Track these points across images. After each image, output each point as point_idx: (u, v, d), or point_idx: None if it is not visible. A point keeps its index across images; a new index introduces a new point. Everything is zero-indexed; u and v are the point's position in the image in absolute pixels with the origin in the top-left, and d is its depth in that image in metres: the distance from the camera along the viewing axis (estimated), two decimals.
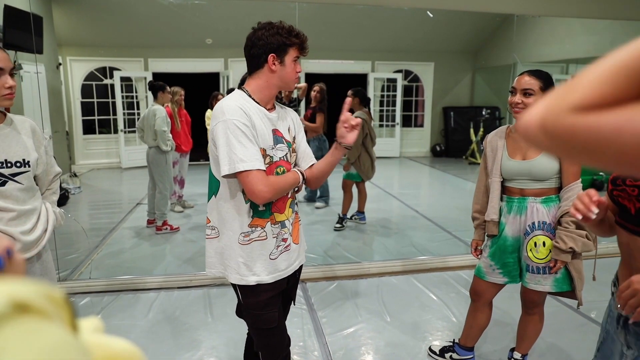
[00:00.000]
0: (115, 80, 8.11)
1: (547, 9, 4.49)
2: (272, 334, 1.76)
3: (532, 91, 2.01)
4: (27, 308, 0.28)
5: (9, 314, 0.27)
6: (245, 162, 1.53)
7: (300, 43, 1.63)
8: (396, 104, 9.72)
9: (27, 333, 0.27)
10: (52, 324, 0.29)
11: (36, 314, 0.28)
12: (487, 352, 2.60)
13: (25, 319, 0.28)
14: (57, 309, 0.30)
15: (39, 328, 0.28)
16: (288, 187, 1.66)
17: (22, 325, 0.27)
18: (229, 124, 1.54)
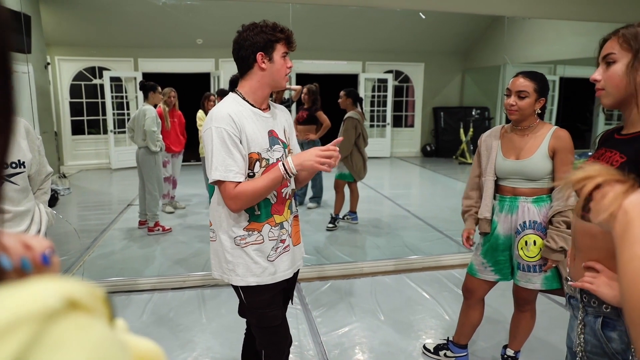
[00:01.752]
0: (104, 80, 8.04)
1: (537, 11, 4.55)
2: (276, 332, 1.77)
3: (527, 93, 2.04)
4: (77, 304, 0.29)
5: (63, 310, 0.28)
6: (218, 171, 1.57)
7: (286, 37, 1.64)
8: (387, 104, 9.77)
9: (80, 328, 0.29)
10: (98, 320, 0.31)
11: (84, 310, 0.30)
12: (480, 349, 2.64)
13: (76, 314, 0.29)
14: (99, 306, 0.32)
15: (89, 323, 0.29)
16: (266, 189, 1.60)
17: (74, 320, 0.29)
18: (214, 131, 1.58)
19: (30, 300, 0.27)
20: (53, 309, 0.28)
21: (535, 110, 2.07)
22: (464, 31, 9.34)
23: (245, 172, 1.62)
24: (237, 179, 1.58)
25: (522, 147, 2.08)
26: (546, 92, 2.07)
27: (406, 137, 10.41)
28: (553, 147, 2.02)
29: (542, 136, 2.06)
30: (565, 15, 4.72)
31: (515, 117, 2.10)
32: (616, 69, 1.19)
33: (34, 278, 0.30)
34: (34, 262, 0.45)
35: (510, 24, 7.07)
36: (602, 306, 1.18)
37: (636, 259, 0.58)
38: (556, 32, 7.25)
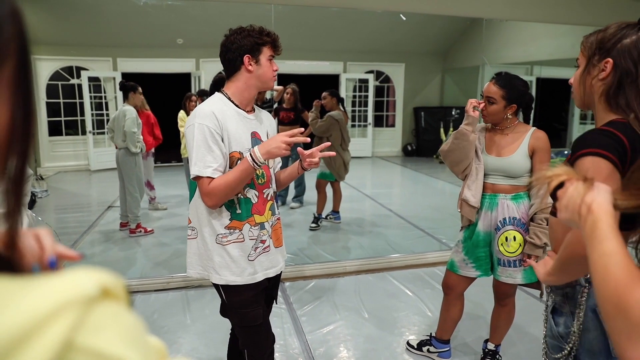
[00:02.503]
0: (82, 80, 7.90)
1: (514, 13, 4.67)
2: (257, 331, 1.79)
3: (494, 100, 2.14)
4: (109, 292, 0.33)
5: (99, 297, 0.32)
6: (197, 166, 1.60)
7: (272, 41, 1.69)
8: (368, 104, 9.85)
9: (114, 314, 0.32)
10: (125, 307, 0.34)
11: (114, 298, 0.33)
12: (462, 344, 2.70)
13: (110, 301, 0.33)
14: (124, 295, 0.35)
15: (120, 309, 0.33)
16: (237, 181, 1.61)
17: (109, 306, 0.32)
18: (196, 127, 1.60)
19: (71, 287, 0.30)
20: (92, 295, 0.31)
21: (506, 115, 2.15)
22: (443, 32, 9.48)
23: (224, 170, 1.63)
24: (215, 175, 1.60)
25: (504, 146, 2.16)
26: (517, 98, 2.14)
27: (387, 137, 10.50)
28: (532, 146, 2.10)
29: (522, 136, 2.14)
30: (540, 18, 4.85)
31: (486, 121, 2.21)
32: (577, 74, 1.27)
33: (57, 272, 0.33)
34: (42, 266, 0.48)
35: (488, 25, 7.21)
36: (552, 294, 1.28)
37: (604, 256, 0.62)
38: (532, 34, 7.43)
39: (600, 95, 1.19)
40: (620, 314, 0.58)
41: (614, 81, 1.15)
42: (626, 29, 1.18)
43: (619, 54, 1.14)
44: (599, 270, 0.63)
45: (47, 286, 0.30)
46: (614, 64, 1.15)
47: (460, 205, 2.27)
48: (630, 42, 1.15)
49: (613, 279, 0.59)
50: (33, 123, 0.36)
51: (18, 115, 0.35)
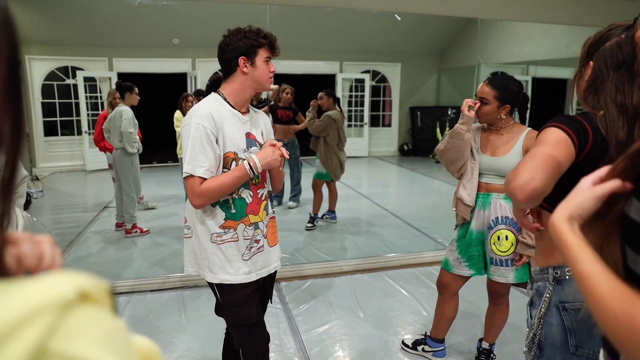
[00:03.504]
0: (78, 80, 7.87)
1: (509, 13, 4.68)
2: (252, 330, 1.80)
3: (487, 100, 2.16)
4: (88, 296, 0.32)
5: (77, 301, 0.31)
6: (190, 165, 1.61)
7: (269, 43, 1.70)
8: (364, 104, 9.86)
9: (92, 318, 0.32)
10: (106, 311, 0.33)
11: (94, 302, 0.33)
12: (457, 343, 2.71)
13: (88, 305, 0.32)
14: (106, 298, 0.34)
15: (99, 314, 0.32)
16: (230, 186, 1.64)
17: (87, 310, 0.31)
18: (192, 127, 1.61)
19: (47, 291, 0.30)
20: (68, 299, 0.30)
21: (500, 115, 2.16)
22: (439, 32, 9.50)
23: (216, 171, 1.64)
24: (206, 175, 1.61)
25: (498, 146, 2.18)
26: (511, 99, 2.15)
27: (384, 136, 10.52)
28: (527, 147, 2.12)
29: (516, 136, 2.16)
30: (535, 18, 4.87)
31: (480, 121, 2.22)
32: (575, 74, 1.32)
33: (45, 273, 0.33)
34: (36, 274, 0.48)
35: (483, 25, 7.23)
36: (530, 288, 1.36)
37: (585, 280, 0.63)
38: (527, 34, 7.46)
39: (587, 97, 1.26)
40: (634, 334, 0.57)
41: (590, 83, 1.21)
42: (613, 30, 1.21)
43: (597, 57, 1.20)
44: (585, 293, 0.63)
45: (21, 291, 0.30)
46: (592, 67, 1.21)
47: (456, 203, 2.29)
48: (609, 45, 1.19)
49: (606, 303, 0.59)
50: (23, 131, 0.36)
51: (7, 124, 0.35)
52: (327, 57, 9.56)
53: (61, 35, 7.84)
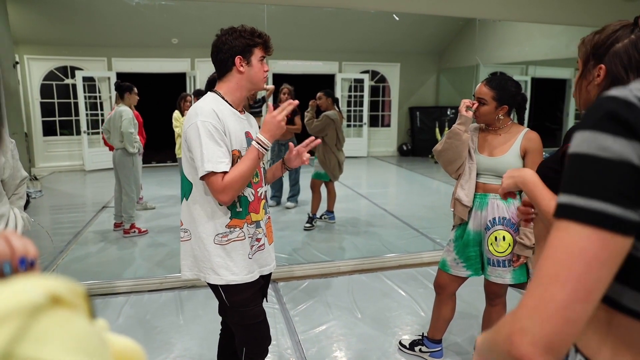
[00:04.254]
0: (77, 80, 7.87)
1: (508, 13, 4.68)
2: (259, 328, 1.80)
3: (485, 100, 2.16)
4: (60, 300, 0.32)
5: (47, 306, 0.30)
6: (211, 162, 1.58)
7: (263, 42, 1.70)
8: (363, 104, 9.85)
9: (63, 322, 0.31)
10: (79, 314, 0.33)
11: (67, 306, 0.32)
12: (454, 343, 2.71)
13: (59, 310, 0.31)
14: (80, 302, 0.34)
15: (71, 318, 0.32)
16: (250, 171, 1.64)
17: (57, 315, 0.31)
18: (200, 125, 1.59)
19: (15, 296, 0.29)
20: (37, 304, 0.30)
21: (497, 116, 2.16)
22: (438, 32, 9.50)
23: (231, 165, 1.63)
24: (228, 169, 1.60)
25: (496, 146, 2.18)
26: (509, 99, 2.15)
27: (383, 136, 10.52)
28: (525, 147, 2.11)
29: (514, 136, 2.15)
30: (534, 18, 4.86)
31: (478, 122, 2.21)
32: (576, 77, 1.27)
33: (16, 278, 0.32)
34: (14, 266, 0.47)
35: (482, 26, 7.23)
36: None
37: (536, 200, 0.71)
38: (526, 34, 7.46)
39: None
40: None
41: (607, 87, 1.16)
42: (620, 31, 1.18)
43: (610, 60, 1.15)
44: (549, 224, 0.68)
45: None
46: (607, 70, 1.16)
47: (454, 204, 2.28)
48: (622, 46, 1.15)
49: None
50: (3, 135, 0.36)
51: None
52: (326, 57, 9.56)
53: (60, 35, 7.84)
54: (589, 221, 0.52)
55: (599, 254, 0.51)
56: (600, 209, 0.51)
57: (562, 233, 0.53)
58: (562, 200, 0.54)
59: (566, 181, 0.55)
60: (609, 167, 0.52)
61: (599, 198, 0.52)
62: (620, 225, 0.51)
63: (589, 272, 0.51)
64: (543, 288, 0.52)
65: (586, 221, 0.52)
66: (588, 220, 0.52)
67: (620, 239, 0.52)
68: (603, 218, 0.51)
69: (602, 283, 0.52)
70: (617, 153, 0.53)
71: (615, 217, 0.51)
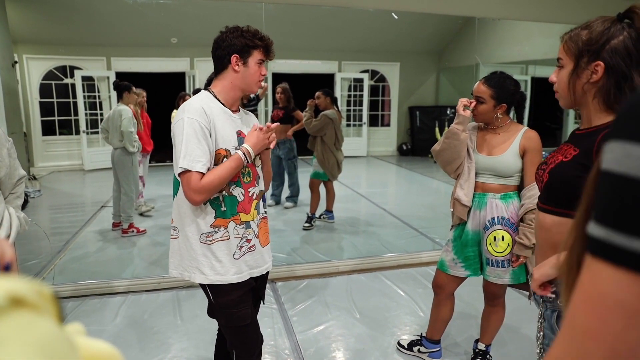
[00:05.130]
0: (76, 79, 7.85)
1: (507, 12, 4.67)
2: (246, 331, 1.78)
3: (483, 99, 2.14)
4: (22, 302, 0.30)
5: (6, 308, 0.29)
6: (186, 160, 1.57)
7: (264, 46, 1.69)
8: (363, 103, 9.84)
9: (24, 325, 0.29)
10: (44, 317, 0.31)
11: (30, 308, 0.30)
12: (453, 344, 2.69)
13: (21, 312, 0.30)
14: (46, 304, 0.32)
15: (34, 321, 0.30)
16: (228, 176, 1.64)
17: (18, 318, 0.29)
18: (186, 122, 1.59)
19: None
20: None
21: (496, 114, 2.14)
22: (438, 31, 9.48)
23: (211, 166, 1.63)
24: (203, 170, 1.59)
25: (495, 145, 2.16)
26: (507, 98, 2.13)
27: (382, 136, 10.50)
28: (524, 146, 2.09)
29: (513, 135, 2.13)
30: (533, 17, 4.85)
31: (476, 120, 2.20)
32: (563, 74, 1.25)
33: None
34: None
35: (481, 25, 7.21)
36: (557, 300, 1.23)
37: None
38: (526, 33, 7.44)
39: (594, 98, 1.18)
40: None
41: (611, 85, 1.14)
42: (612, 27, 1.17)
43: (610, 56, 1.14)
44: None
45: None
46: (606, 67, 1.14)
47: (453, 204, 2.27)
48: (619, 42, 1.14)
49: None
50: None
51: None
52: (326, 57, 9.55)
53: (59, 34, 7.83)
54: (629, 265, 0.39)
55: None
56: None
57: (596, 277, 0.41)
58: (595, 233, 0.41)
59: (601, 207, 0.42)
60: None
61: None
62: None
63: (631, 329, 0.40)
64: (577, 343, 0.43)
65: (625, 265, 0.39)
66: (628, 264, 0.39)
67: None
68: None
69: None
70: None
71: None
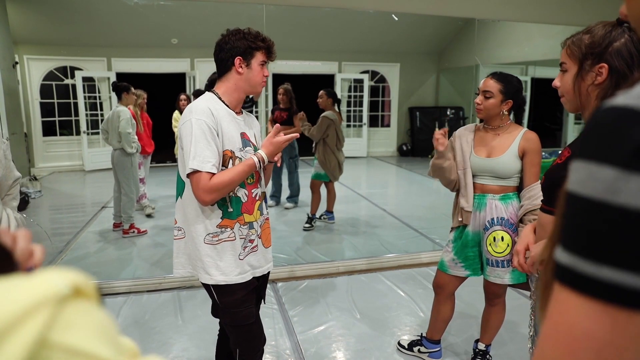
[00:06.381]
0: (76, 80, 7.86)
1: (507, 13, 4.68)
2: (250, 330, 1.80)
3: (491, 93, 2.13)
4: (81, 292, 0.34)
5: (71, 295, 0.33)
6: (196, 160, 1.58)
7: (266, 47, 1.71)
8: (363, 104, 9.85)
9: (85, 311, 0.34)
10: (95, 304, 0.36)
11: (86, 296, 0.35)
12: (453, 344, 2.70)
13: (81, 300, 0.34)
14: (95, 294, 0.36)
15: (91, 307, 0.35)
16: (239, 180, 1.66)
17: (80, 304, 0.34)
18: (194, 123, 1.60)
19: (44, 286, 0.32)
20: (64, 294, 0.32)
21: (502, 111, 2.14)
22: (438, 32, 9.50)
23: (219, 167, 1.64)
24: (213, 171, 1.60)
25: (494, 146, 2.16)
26: (514, 94, 2.14)
27: (382, 136, 10.52)
28: (523, 148, 2.10)
29: (512, 136, 2.14)
30: (533, 18, 4.86)
31: (481, 116, 2.19)
32: (567, 78, 1.27)
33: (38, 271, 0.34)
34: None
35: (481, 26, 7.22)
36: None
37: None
38: (525, 34, 7.45)
39: (596, 99, 1.20)
40: None
41: (611, 85, 1.16)
42: (613, 31, 1.19)
43: (612, 57, 1.16)
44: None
45: (20, 286, 0.31)
46: (610, 69, 1.16)
47: (460, 214, 2.27)
48: (621, 45, 1.16)
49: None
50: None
51: None
52: (326, 58, 9.56)
53: (60, 35, 7.84)
54: (598, 295, 0.36)
55: (613, 340, 0.36)
56: (613, 280, 0.35)
57: (563, 306, 0.39)
58: (562, 259, 0.39)
59: (567, 232, 0.39)
60: (636, 223, 0.35)
61: (612, 264, 0.36)
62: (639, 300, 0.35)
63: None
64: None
65: (593, 295, 0.36)
66: (596, 293, 0.36)
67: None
68: (616, 292, 0.35)
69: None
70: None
71: (634, 290, 0.35)
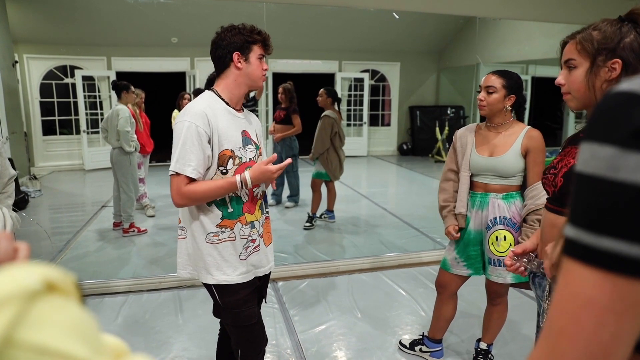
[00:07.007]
0: (76, 79, 7.85)
1: (508, 12, 4.66)
2: (252, 330, 1.78)
3: (494, 88, 2.11)
4: (55, 287, 0.33)
5: (42, 291, 0.31)
6: (178, 163, 1.59)
7: (262, 40, 1.69)
8: (363, 103, 9.83)
9: (58, 308, 0.32)
10: (72, 301, 0.34)
11: (61, 293, 0.33)
12: (455, 343, 2.69)
13: (54, 296, 0.32)
14: (73, 290, 0.35)
15: (65, 304, 0.33)
16: (215, 194, 1.64)
17: (52, 301, 0.32)
18: (185, 125, 1.60)
19: (13, 282, 0.30)
20: (34, 290, 0.31)
21: (505, 106, 2.12)
22: (439, 31, 9.48)
23: (203, 172, 1.63)
24: (193, 175, 1.60)
25: (496, 145, 2.14)
26: (516, 90, 2.13)
27: (383, 135, 10.50)
28: (526, 146, 2.08)
29: (515, 135, 2.12)
30: (534, 17, 4.85)
31: (484, 112, 2.16)
32: (577, 74, 1.25)
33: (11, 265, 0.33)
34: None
35: (482, 24, 7.22)
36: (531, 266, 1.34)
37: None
38: (526, 33, 7.43)
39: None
40: None
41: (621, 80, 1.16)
42: (622, 27, 1.18)
43: (625, 52, 1.16)
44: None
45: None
46: (624, 64, 1.16)
47: (457, 219, 2.27)
48: (631, 40, 1.16)
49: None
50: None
51: None
52: (326, 56, 9.54)
53: (60, 34, 7.83)
54: (597, 264, 0.40)
55: (612, 306, 0.40)
56: (612, 249, 0.39)
57: (569, 277, 0.43)
58: (569, 233, 0.43)
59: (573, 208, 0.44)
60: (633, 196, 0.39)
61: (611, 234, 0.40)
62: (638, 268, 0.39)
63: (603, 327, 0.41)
64: (552, 342, 0.44)
65: (594, 263, 0.41)
66: (596, 262, 0.40)
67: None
68: (615, 260, 0.39)
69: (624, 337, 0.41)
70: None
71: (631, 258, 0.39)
